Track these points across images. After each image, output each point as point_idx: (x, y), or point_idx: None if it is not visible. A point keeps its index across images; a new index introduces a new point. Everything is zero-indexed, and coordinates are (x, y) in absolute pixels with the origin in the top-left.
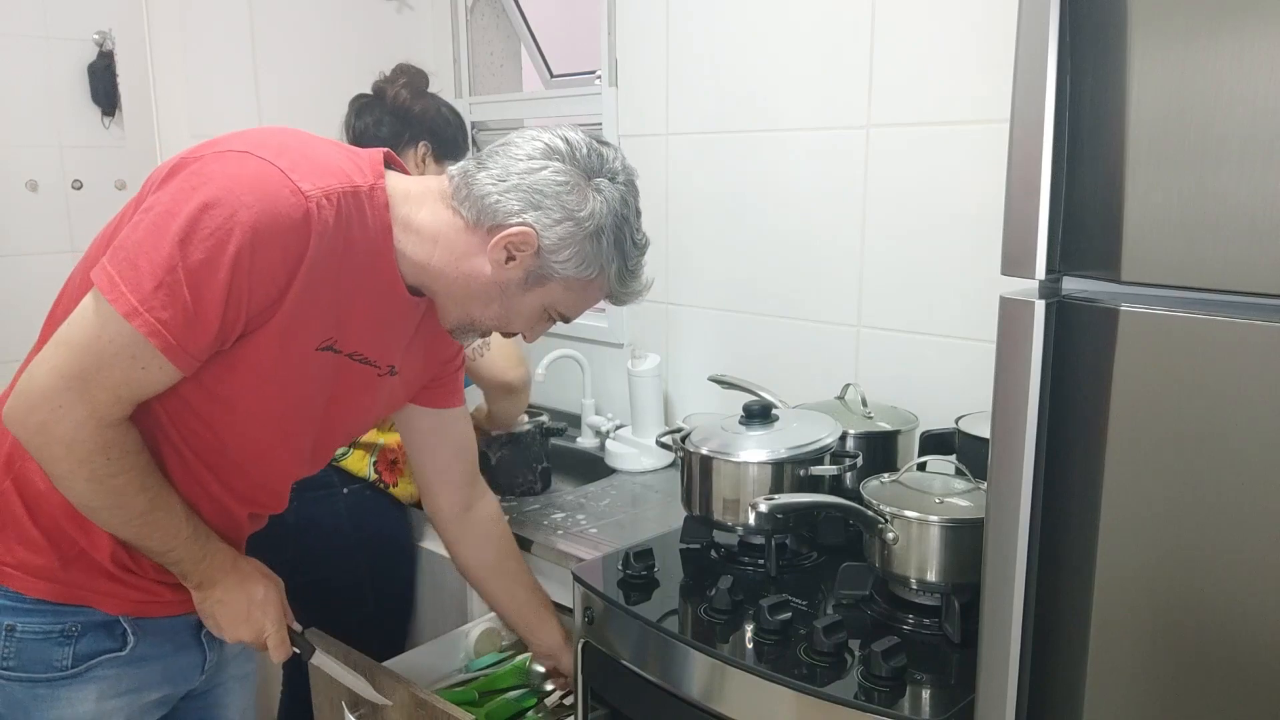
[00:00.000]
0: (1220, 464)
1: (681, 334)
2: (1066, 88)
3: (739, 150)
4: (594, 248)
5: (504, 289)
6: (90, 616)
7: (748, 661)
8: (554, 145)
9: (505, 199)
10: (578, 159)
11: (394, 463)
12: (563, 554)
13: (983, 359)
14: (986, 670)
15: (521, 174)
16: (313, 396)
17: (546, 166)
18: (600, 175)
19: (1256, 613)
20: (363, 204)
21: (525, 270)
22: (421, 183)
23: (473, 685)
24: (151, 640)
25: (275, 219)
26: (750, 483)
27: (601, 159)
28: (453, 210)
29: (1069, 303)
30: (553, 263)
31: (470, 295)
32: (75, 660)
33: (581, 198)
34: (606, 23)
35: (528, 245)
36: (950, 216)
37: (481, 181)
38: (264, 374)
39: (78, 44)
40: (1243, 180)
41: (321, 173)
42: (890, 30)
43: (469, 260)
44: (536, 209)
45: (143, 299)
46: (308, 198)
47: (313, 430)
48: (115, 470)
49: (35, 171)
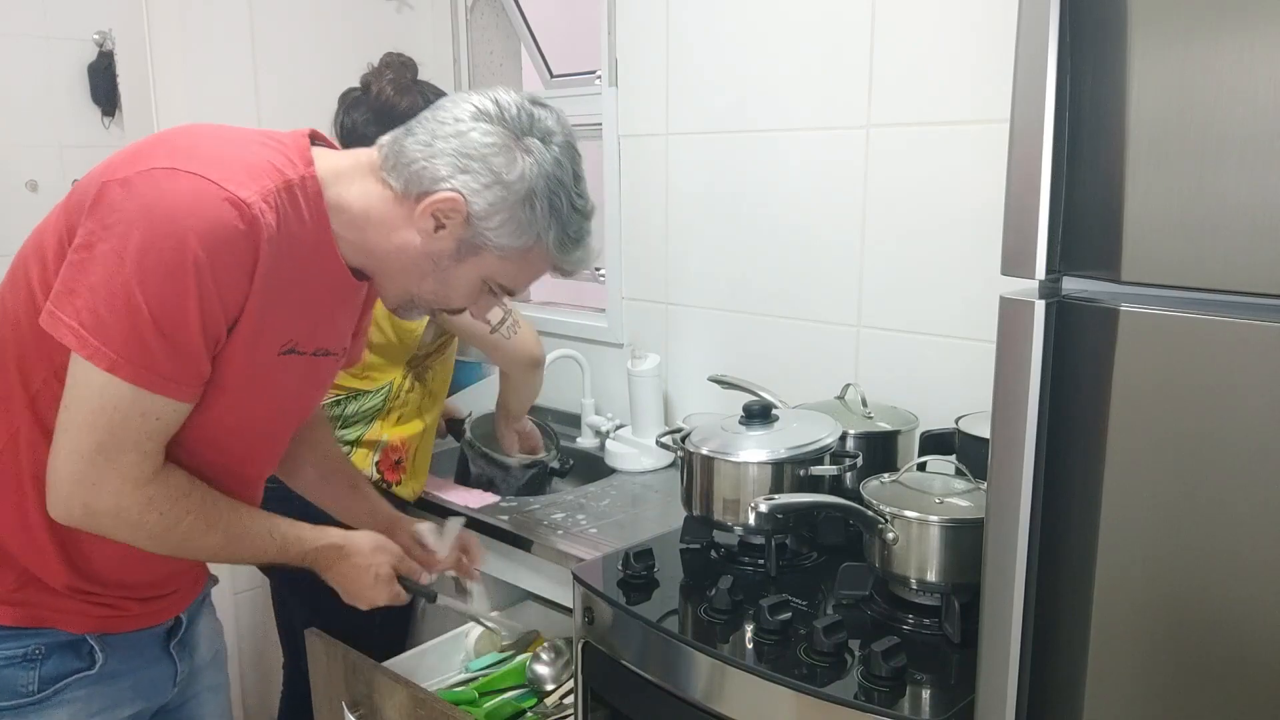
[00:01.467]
0: (1220, 464)
1: (681, 334)
2: (1066, 88)
3: (739, 150)
4: (527, 214)
5: (436, 261)
6: (54, 637)
7: (748, 661)
8: (483, 106)
9: (432, 164)
10: (507, 119)
11: (397, 462)
12: (563, 554)
13: (983, 359)
14: (986, 670)
15: (448, 137)
16: (284, 399)
17: (474, 128)
18: (531, 135)
19: (1256, 612)
20: (297, 197)
21: (456, 240)
22: (350, 157)
23: (473, 685)
24: (121, 655)
25: (223, 234)
26: (750, 483)
27: (533, 119)
28: (382, 183)
29: (1069, 303)
30: (484, 230)
31: (405, 270)
32: (42, 684)
33: (510, 160)
34: (606, 23)
35: (456, 212)
36: (950, 216)
37: (409, 148)
38: (233, 385)
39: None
40: (1243, 180)
41: (253, 174)
42: (890, 30)
43: (399, 233)
44: (464, 173)
45: (121, 351)
46: (249, 205)
47: (289, 428)
48: (172, 521)
49: (35, 171)
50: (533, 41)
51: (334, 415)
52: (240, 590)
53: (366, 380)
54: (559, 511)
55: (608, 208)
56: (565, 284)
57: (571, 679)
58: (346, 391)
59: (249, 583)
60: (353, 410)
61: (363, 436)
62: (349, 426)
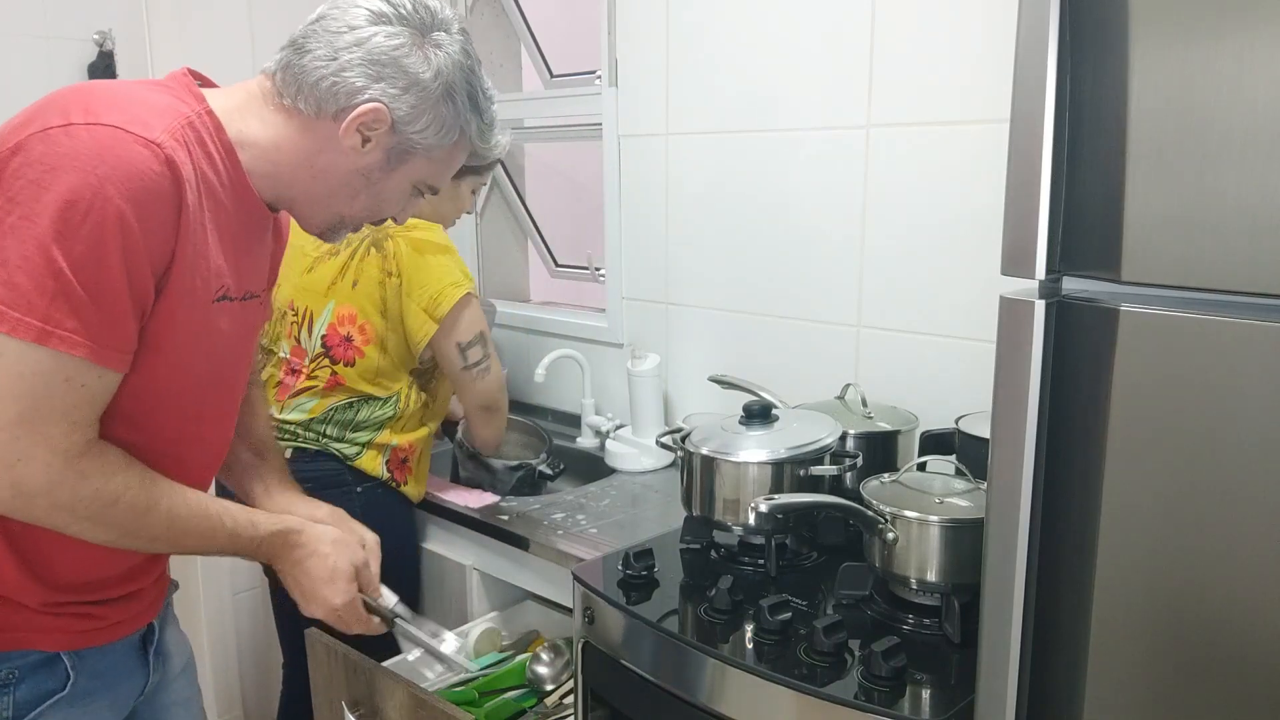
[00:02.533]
0: (1220, 463)
1: (681, 334)
2: (1066, 88)
3: (739, 150)
4: (449, 109)
5: (367, 175)
6: (26, 658)
7: (748, 661)
8: (376, 8)
9: (342, 78)
10: (406, 17)
11: (404, 461)
12: (563, 554)
13: (983, 359)
14: (986, 670)
15: (350, 47)
16: (228, 351)
17: (376, 32)
18: (436, 29)
19: (1256, 612)
20: (201, 134)
21: (384, 150)
22: (240, 90)
23: (473, 685)
24: (92, 673)
25: (142, 179)
26: (750, 483)
27: (431, 12)
28: (284, 110)
29: (1069, 303)
30: (410, 135)
31: (332, 192)
32: (17, 710)
33: (423, 58)
34: (606, 23)
35: (380, 122)
36: (950, 216)
37: (310, 67)
38: (174, 344)
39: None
40: (1243, 180)
41: (155, 115)
42: (890, 30)
43: (321, 156)
44: (379, 81)
45: (44, 317)
46: (161, 146)
47: (238, 386)
48: (109, 499)
49: None
50: (533, 41)
51: (345, 419)
52: (240, 590)
53: (378, 387)
54: (559, 511)
55: (608, 208)
56: (565, 284)
57: (571, 679)
58: (358, 395)
59: (249, 582)
60: (365, 415)
61: (373, 440)
62: (360, 430)
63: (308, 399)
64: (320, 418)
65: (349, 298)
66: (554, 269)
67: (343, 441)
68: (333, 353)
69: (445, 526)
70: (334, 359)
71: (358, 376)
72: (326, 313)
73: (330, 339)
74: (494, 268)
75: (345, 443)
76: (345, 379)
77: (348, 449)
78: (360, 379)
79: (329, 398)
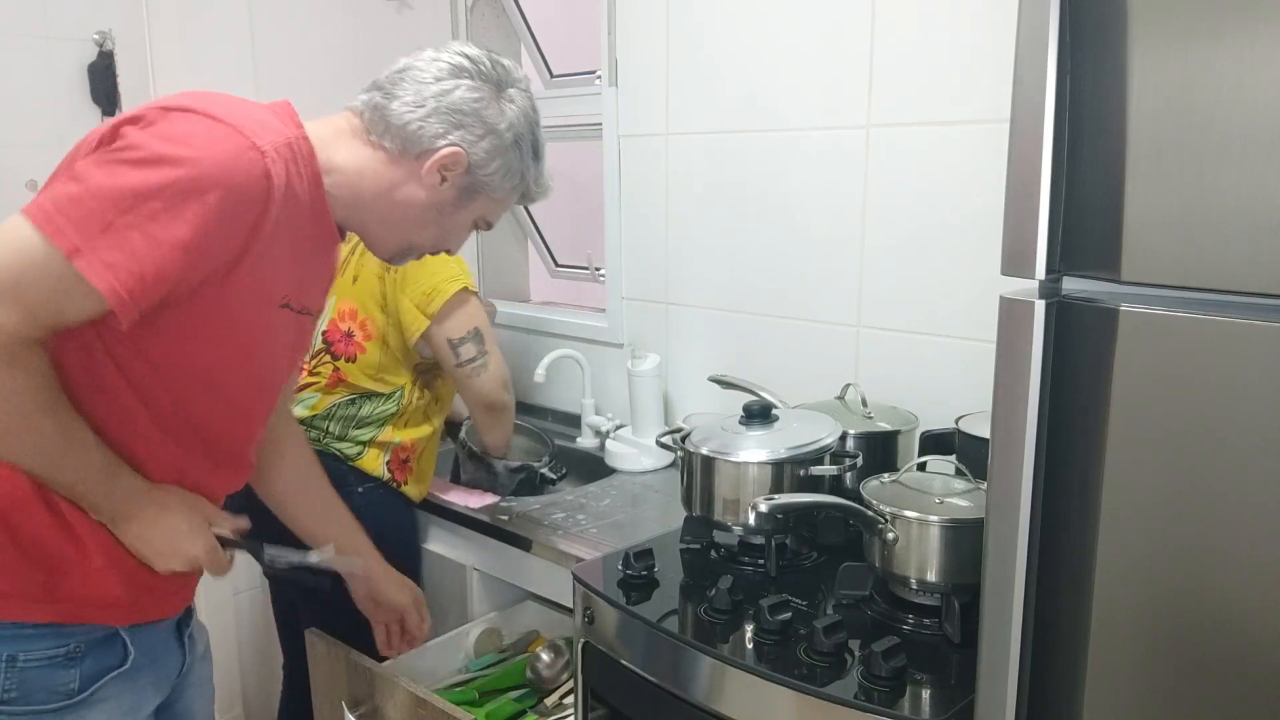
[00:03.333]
0: (1220, 463)
1: (681, 334)
2: (1066, 88)
3: (739, 150)
4: (516, 156)
5: (440, 209)
6: (91, 634)
7: (748, 661)
8: (458, 63)
9: (427, 124)
10: (485, 74)
11: (405, 461)
12: (563, 554)
13: (983, 359)
14: (986, 670)
15: (436, 96)
16: (276, 355)
17: (458, 86)
18: (509, 86)
19: (1256, 612)
20: (295, 154)
21: (457, 189)
22: (329, 123)
23: (472, 685)
24: (144, 650)
25: (239, 177)
26: (750, 483)
27: (506, 70)
28: (372, 145)
29: (1069, 303)
30: (482, 177)
31: (406, 221)
32: (84, 682)
33: (499, 111)
34: (606, 23)
35: (458, 164)
36: (950, 216)
37: (397, 111)
38: (230, 336)
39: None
40: (1243, 180)
41: (262, 129)
42: (890, 30)
43: (401, 189)
44: (459, 128)
45: (87, 238)
46: (264, 154)
47: (276, 389)
48: (22, 386)
49: (35, 171)
50: (533, 41)
51: (348, 415)
52: (240, 590)
53: (380, 383)
54: (559, 511)
55: (608, 208)
56: (565, 284)
57: (571, 679)
58: (360, 391)
59: (249, 583)
60: (367, 412)
61: (376, 438)
62: (363, 428)
63: (310, 395)
64: (323, 414)
65: (350, 293)
66: (554, 269)
67: (345, 440)
68: (334, 348)
69: (446, 527)
70: (335, 354)
71: (360, 372)
72: (328, 308)
73: (331, 334)
74: (494, 268)
75: (347, 441)
76: (347, 375)
77: (349, 448)
78: (362, 375)
79: (332, 394)
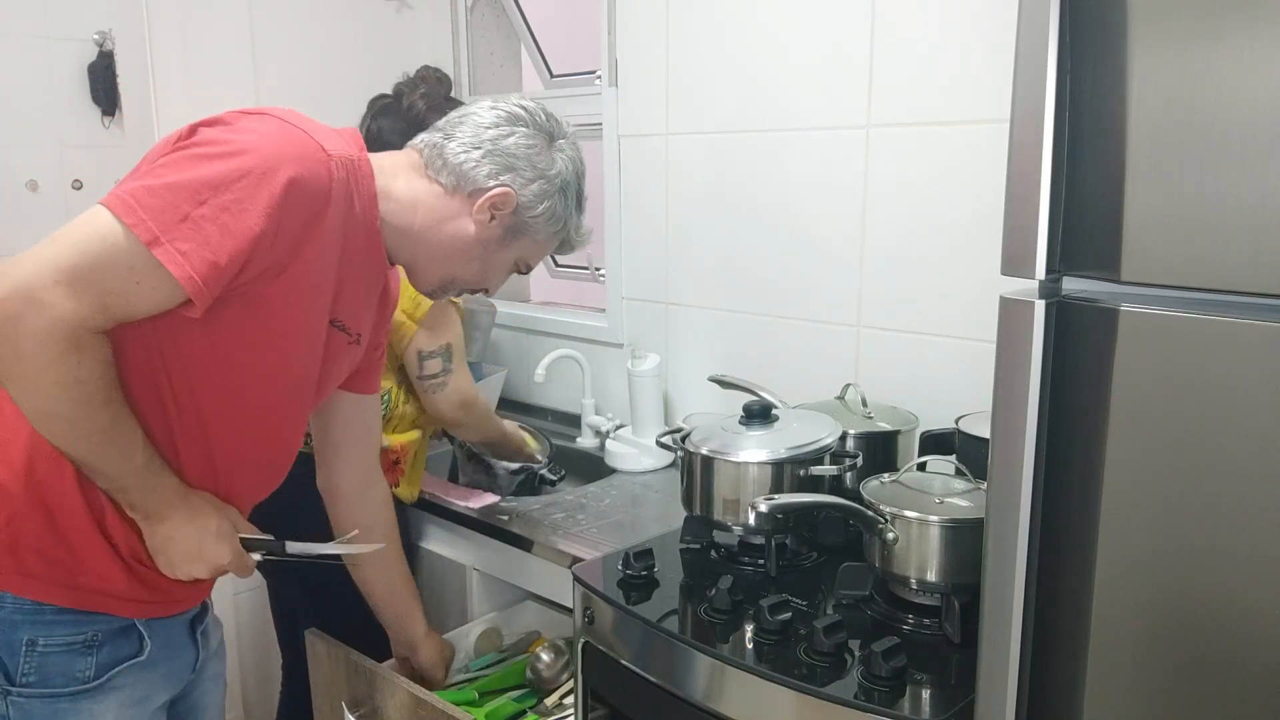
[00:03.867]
0: (1220, 463)
1: (681, 334)
2: (1066, 88)
3: (739, 150)
4: (562, 203)
5: (485, 246)
6: (109, 624)
7: (748, 661)
8: (515, 113)
9: (482, 164)
10: (539, 124)
11: (395, 463)
12: (563, 554)
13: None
14: (986, 670)
15: (493, 140)
16: (323, 374)
17: (514, 132)
18: (562, 137)
19: (1256, 612)
20: (355, 173)
21: (504, 228)
22: (390, 157)
23: (473, 685)
24: (160, 644)
25: (306, 172)
26: (750, 483)
27: (558, 123)
28: (428, 179)
29: (1069, 303)
30: (528, 218)
31: (453, 255)
32: (98, 670)
33: (550, 159)
34: (606, 23)
35: (507, 204)
36: (950, 216)
37: (455, 150)
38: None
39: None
40: (1243, 180)
41: (330, 140)
42: (890, 30)
43: (452, 223)
44: (510, 170)
45: (164, 228)
46: (331, 157)
47: (311, 394)
48: (85, 375)
49: (35, 171)
50: (533, 41)
51: None
52: (240, 590)
53: None
54: (559, 511)
55: (608, 208)
56: (565, 284)
57: (571, 679)
58: None
59: (249, 583)
60: None
61: None
62: None
63: None
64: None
65: None
66: (554, 269)
67: None
68: None
69: (445, 527)
70: None
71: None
72: None
73: None
74: None
75: None
76: None
77: None
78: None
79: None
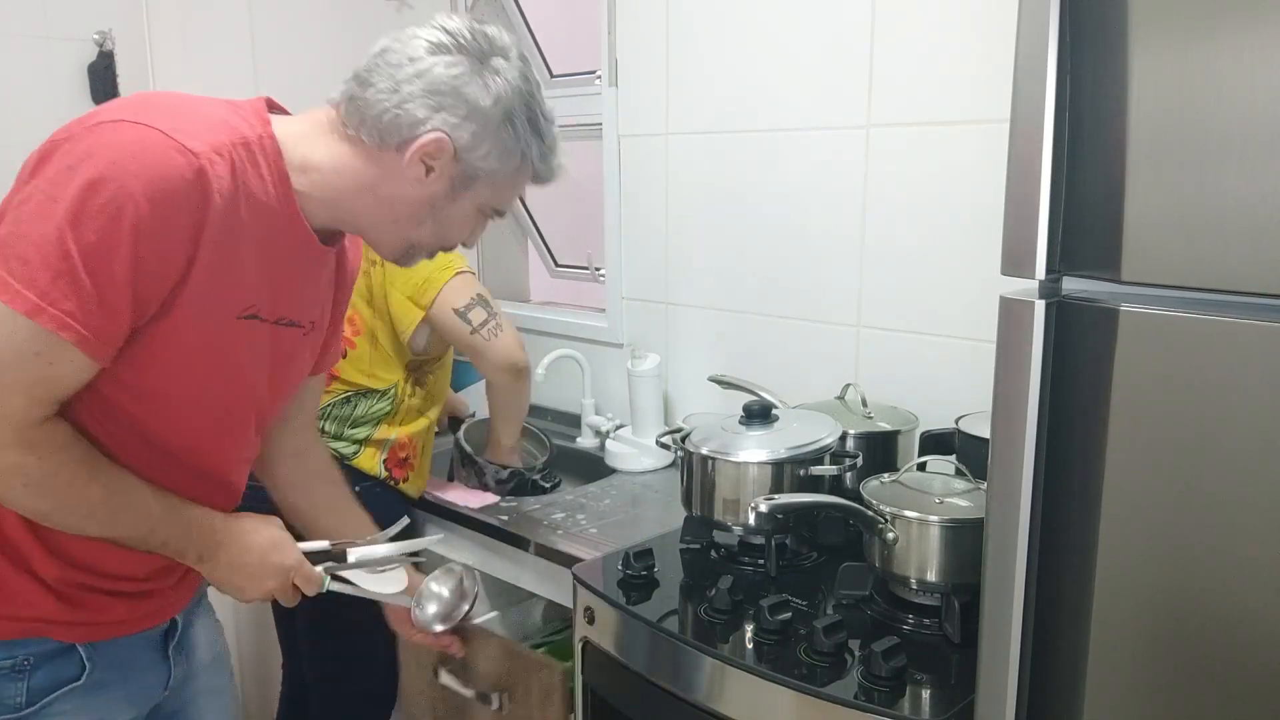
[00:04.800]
0: (1220, 464)
1: (681, 334)
2: (1066, 88)
3: (739, 150)
4: (509, 134)
5: (432, 203)
6: (43, 646)
7: (748, 661)
8: (436, 39)
9: (404, 109)
10: (465, 46)
11: (404, 459)
12: (563, 554)
13: (983, 359)
14: (986, 670)
15: (411, 79)
16: (248, 371)
17: (436, 63)
18: (494, 56)
19: (1256, 612)
20: (255, 155)
21: (448, 178)
22: (308, 118)
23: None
24: (109, 664)
25: (167, 182)
26: (750, 483)
27: (489, 39)
28: (349, 139)
29: (1069, 303)
30: (473, 162)
31: (400, 219)
32: (31, 696)
33: (483, 85)
34: (606, 23)
35: (442, 152)
36: (950, 216)
37: (373, 99)
38: (188, 354)
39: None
40: (1243, 180)
41: (206, 129)
42: (890, 30)
43: (386, 185)
44: (439, 110)
45: (42, 293)
46: (197, 155)
47: (255, 408)
48: (52, 468)
49: None
50: (533, 41)
51: (342, 415)
52: None
53: (374, 379)
54: (559, 511)
55: (608, 208)
56: (565, 284)
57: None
58: (355, 388)
59: None
60: (362, 411)
61: (371, 436)
62: (358, 426)
63: None
64: (319, 413)
65: None
66: (554, 269)
67: (340, 439)
68: None
69: (445, 526)
70: None
71: (352, 368)
72: None
73: None
74: (494, 268)
75: (343, 440)
76: (339, 372)
77: (345, 447)
78: (355, 370)
79: (326, 393)
